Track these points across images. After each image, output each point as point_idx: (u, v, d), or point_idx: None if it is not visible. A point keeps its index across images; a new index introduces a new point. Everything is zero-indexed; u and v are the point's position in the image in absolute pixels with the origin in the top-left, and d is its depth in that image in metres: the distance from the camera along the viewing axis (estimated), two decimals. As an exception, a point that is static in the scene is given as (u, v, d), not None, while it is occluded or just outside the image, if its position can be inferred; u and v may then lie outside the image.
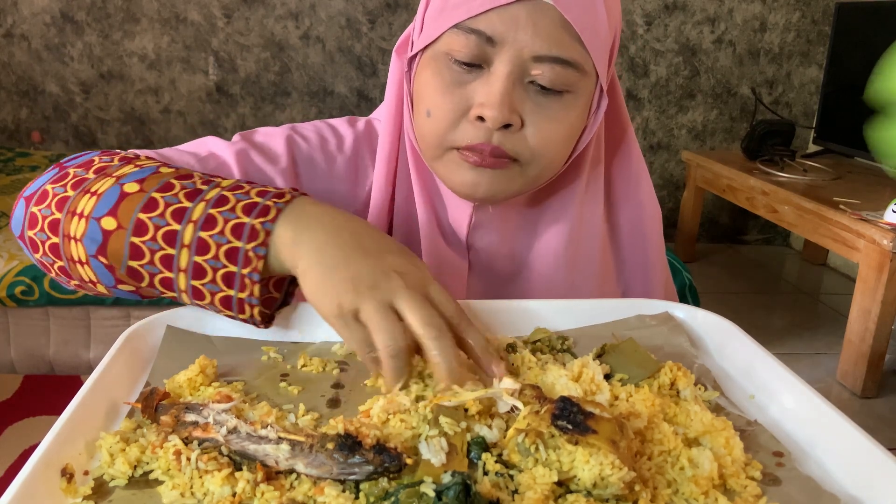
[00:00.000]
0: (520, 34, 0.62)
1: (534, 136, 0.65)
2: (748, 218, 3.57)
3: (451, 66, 0.65)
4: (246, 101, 3.24)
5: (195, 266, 0.57)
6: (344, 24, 3.18)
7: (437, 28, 0.65)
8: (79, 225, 0.59)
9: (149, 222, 0.57)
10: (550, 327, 0.63)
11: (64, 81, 3.13)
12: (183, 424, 0.46)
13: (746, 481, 0.44)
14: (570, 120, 0.67)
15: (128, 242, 0.57)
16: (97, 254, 0.59)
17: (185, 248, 0.57)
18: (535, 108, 0.65)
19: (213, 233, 0.56)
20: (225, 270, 0.56)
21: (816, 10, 3.34)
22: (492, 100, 0.63)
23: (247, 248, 0.55)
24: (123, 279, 0.60)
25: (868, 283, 2.18)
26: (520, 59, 0.63)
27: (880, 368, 2.23)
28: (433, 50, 0.66)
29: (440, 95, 0.65)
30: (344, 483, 0.42)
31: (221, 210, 0.57)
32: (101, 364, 0.54)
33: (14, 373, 2.06)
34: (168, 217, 0.57)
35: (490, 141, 0.64)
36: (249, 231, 0.56)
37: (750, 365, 0.59)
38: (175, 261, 0.57)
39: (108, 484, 0.43)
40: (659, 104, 3.41)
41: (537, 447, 0.42)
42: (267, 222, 0.56)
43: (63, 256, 0.61)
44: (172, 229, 0.57)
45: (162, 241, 0.57)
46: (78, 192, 0.60)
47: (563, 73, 0.63)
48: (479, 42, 0.63)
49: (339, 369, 0.58)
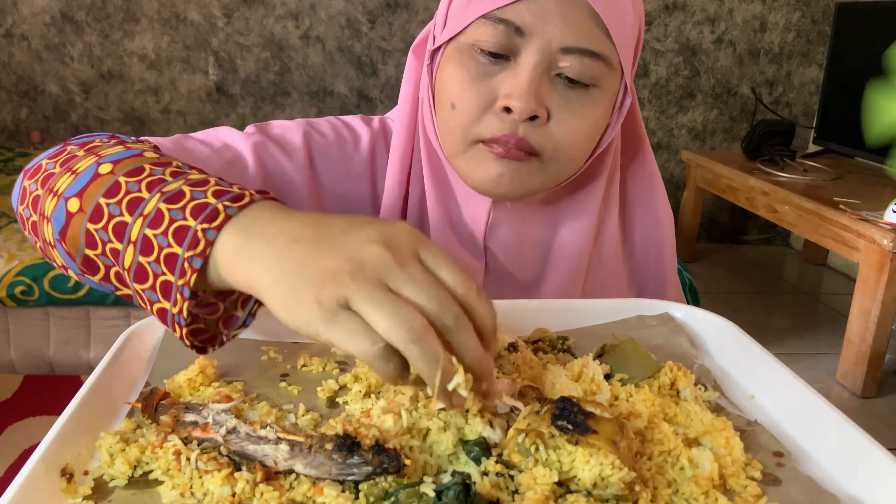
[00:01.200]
0: (549, 25, 0.62)
1: (559, 129, 0.65)
2: (748, 218, 3.57)
3: (477, 58, 0.64)
4: (246, 101, 3.24)
5: (139, 267, 0.49)
6: (344, 24, 3.18)
7: (464, 19, 0.65)
8: (51, 203, 0.54)
9: (105, 209, 0.51)
10: (551, 327, 0.63)
11: (64, 81, 3.13)
12: (182, 424, 0.46)
13: (746, 481, 0.44)
14: (595, 116, 0.66)
15: (84, 229, 0.51)
16: (59, 237, 0.53)
17: (131, 244, 0.49)
18: (562, 101, 0.64)
19: (157, 232, 0.48)
20: (163, 278, 0.48)
21: (816, 10, 3.34)
22: (519, 91, 0.62)
23: (184, 255, 0.47)
24: (83, 269, 0.54)
25: (868, 282, 2.18)
26: (548, 50, 0.62)
27: (880, 368, 2.22)
28: (458, 42, 0.66)
29: (466, 87, 0.65)
30: (343, 483, 0.42)
31: (171, 207, 0.48)
32: (101, 364, 0.54)
33: (14, 373, 2.06)
34: (123, 206, 0.50)
35: (516, 133, 0.64)
36: (191, 237, 0.47)
37: (750, 365, 0.59)
38: (121, 257, 0.50)
39: (108, 484, 0.43)
40: (659, 104, 3.41)
41: (537, 447, 0.42)
42: (210, 230, 0.46)
43: (40, 236, 0.57)
44: (123, 221, 0.50)
45: (111, 232, 0.50)
46: (63, 169, 0.56)
47: (591, 65, 0.63)
48: (508, 32, 0.62)
49: (339, 369, 0.58)
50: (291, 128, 0.75)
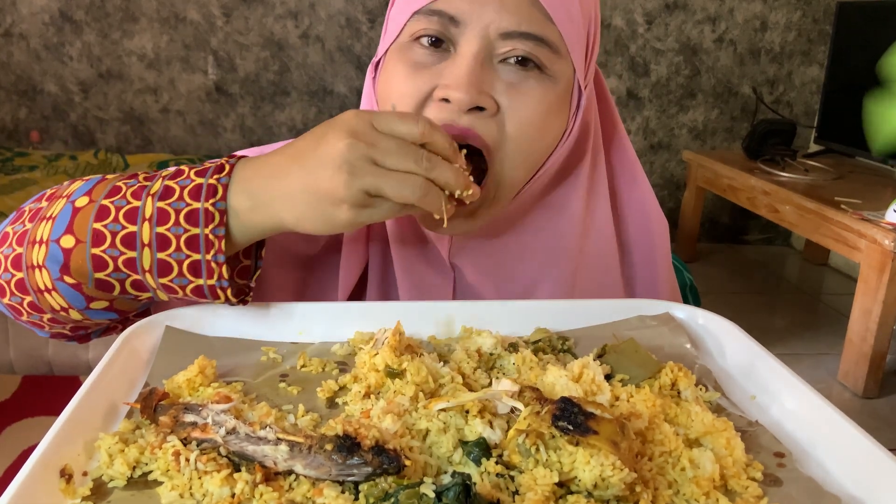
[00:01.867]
0: (486, 11, 0.60)
1: (510, 119, 0.62)
2: (749, 218, 3.57)
3: (415, 49, 0.63)
4: (245, 100, 3.24)
5: (160, 263, 0.56)
6: (344, 24, 3.18)
7: (401, 20, 0.63)
8: (39, 251, 0.57)
9: (105, 230, 0.56)
10: (551, 327, 0.63)
11: (63, 81, 3.13)
12: (182, 425, 0.45)
13: (747, 482, 0.44)
14: (547, 102, 0.63)
15: (89, 255, 0.56)
16: (61, 274, 0.57)
17: (145, 247, 0.56)
18: (508, 88, 0.61)
19: (168, 226, 0.55)
20: (189, 260, 0.55)
21: (817, 10, 3.33)
22: (457, 80, 0.60)
23: (206, 232, 0.55)
24: (94, 294, 0.58)
25: (869, 283, 2.17)
26: (487, 36, 0.60)
27: (881, 368, 2.22)
28: (398, 43, 0.64)
29: (403, 81, 0.63)
30: (343, 484, 0.42)
31: (170, 201, 0.56)
32: (100, 364, 0.54)
33: (13, 373, 2.06)
34: (122, 220, 0.56)
35: (456, 122, 0.60)
36: (204, 214, 0.55)
37: (751, 365, 0.59)
38: (138, 262, 0.56)
39: (107, 485, 0.43)
40: (660, 104, 3.41)
41: (538, 448, 0.42)
42: (218, 202, 0.55)
43: (30, 290, 0.59)
44: (130, 231, 0.56)
45: (121, 245, 0.56)
46: (35, 221, 0.59)
47: (535, 48, 0.61)
48: (443, 22, 0.61)
49: (339, 370, 0.57)
50: None
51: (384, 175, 0.52)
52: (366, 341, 0.59)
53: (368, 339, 0.60)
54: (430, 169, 0.53)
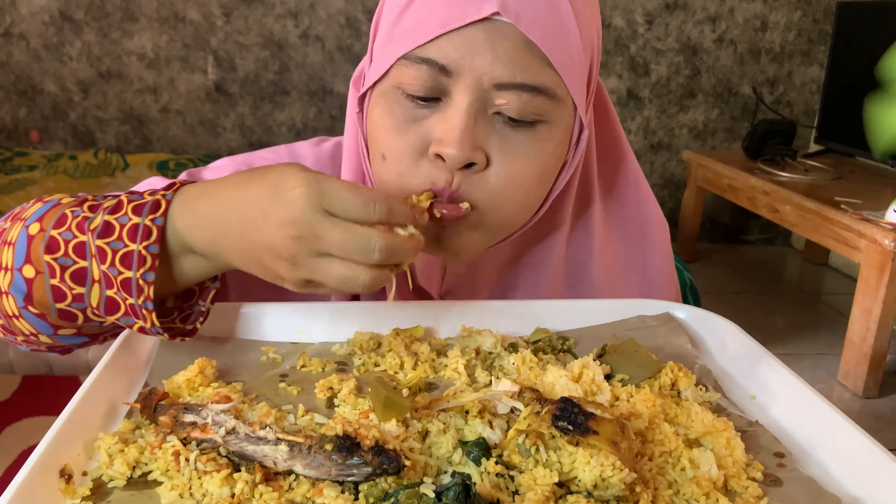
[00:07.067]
0: (477, 60, 0.55)
1: (499, 175, 0.58)
2: (749, 218, 3.57)
3: (404, 102, 0.58)
4: (245, 100, 3.24)
5: (107, 300, 0.54)
6: (343, 24, 3.18)
7: (386, 61, 0.58)
8: (4, 277, 0.56)
9: (55, 263, 0.54)
10: (551, 327, 0.63)
11: (62, 81, 3.13)
12: (181, 425, 0.45)
13: (747, 482, 0.44)
14: (544, 156, 0.59)
15: (48, 286, 0.54)
16: (25, 304, 0.56)
17: (95, 283, 0.54)
18: (502, 143, 0.57)
19: (106, 267, 0.53)
20: (129, 301, 0.53)
21: (818, 9, 3.33)
22: (451, 135, 0.55)
23: (136, 276, 0.52)
24: (59, 323, 0.57)
25: (869, 283, 2.17)
26: (480, 88, 0.55)
27: (881, 369, 2.22)
28: (383, 85, 0.60)
29: (394, 135, 0.58)
30: (343, 484, 0.42)
31: (109, 240, 0.53)
32: (100, 364, 0.54)
33: (12, 373, 2.05)
34: (72, 254, 0.54)
35: (450, 184, 0.57)
36: (137, 258, 0.52)
37: (751, 365, 0.59)
38: (86, 299, 0.54)
39: (107, 485, 0.43)
40: (660, 103, 3.41)
41: (538, 448, 0.42)
42: (151, 245, 0.52)
43: (1, 314, 0.58)
44: (81, 266, 0.54)
45: (71, 281, 0.54)
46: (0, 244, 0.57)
47: (531, 101, 0.56)
48: (432, 72, 0.55)
49: (339, 370, 0.57)
50: (224, 167, 0.71)
51: (325, 273, 0.49)
52: (366, 341, 0.60)
53: (368, 339, 0.60)
54: (379, 260, 0.49)
